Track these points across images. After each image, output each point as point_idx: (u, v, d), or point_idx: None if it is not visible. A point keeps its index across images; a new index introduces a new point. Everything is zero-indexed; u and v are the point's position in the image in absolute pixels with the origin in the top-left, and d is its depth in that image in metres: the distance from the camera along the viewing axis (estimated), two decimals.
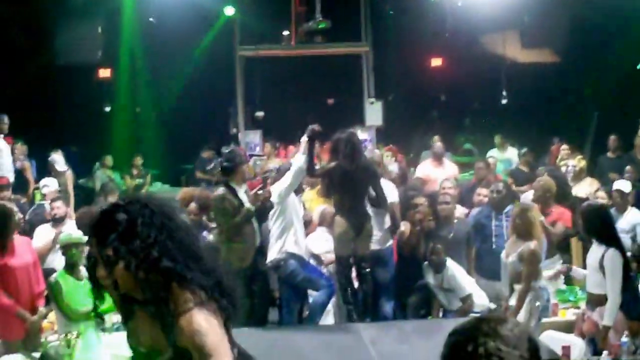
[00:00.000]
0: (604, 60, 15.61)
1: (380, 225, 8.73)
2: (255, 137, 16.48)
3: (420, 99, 19.49)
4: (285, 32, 16.74)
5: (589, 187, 11.39)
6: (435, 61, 17.70)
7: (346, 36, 17.21)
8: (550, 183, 9.65)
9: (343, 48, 17.46)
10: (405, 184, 11.15)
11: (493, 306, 8.45)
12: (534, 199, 9.47)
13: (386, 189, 8.81)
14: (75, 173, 14.74)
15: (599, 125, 16.67)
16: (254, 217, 8.23)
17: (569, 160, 12.17)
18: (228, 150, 9.04)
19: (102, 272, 2.75)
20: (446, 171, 12.39)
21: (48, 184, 11.42)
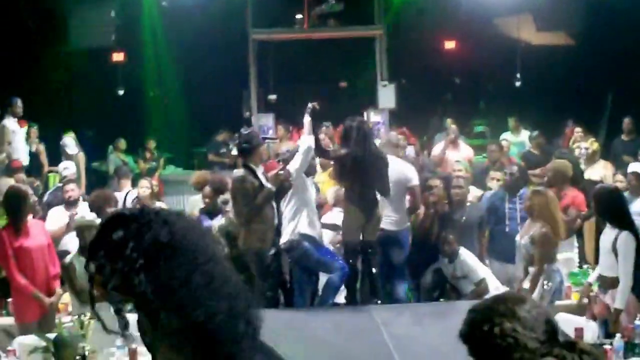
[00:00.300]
0: (619, 43, 15.50)
1: (399, 206, 8.75)
2: (268, 120, 16.46)
3: (433, 82, 19.41)
4: (298, 16, 16.69)
5: (602, 170, 11.36)
6: (449, 44, 17.59)
7: (359, 19, 17.15)
8: (565, 166, 9.62)
9: (356, 31, 17.39)
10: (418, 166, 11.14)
11: (506, 289, 8.45)
12: (549, 182, 9.45)
13: (407, 171, 8.87)
14: (90, 156, 14.81)
15: (613, 107, 16.60)
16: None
17: (582, 143, 12.13)
18: (246, 131, 9.05)
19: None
20: (461, 154, 12.39)
21: (68, 166, 11.46)
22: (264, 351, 2.60)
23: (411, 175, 8.86)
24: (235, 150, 11.00)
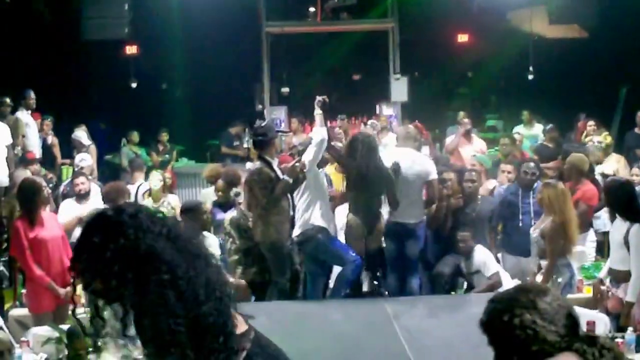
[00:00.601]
0: (632, 35, 15.44)
1: (417, 200, 8.78)
2: (280, 113, 16.49)
3: (446, 75, 19.41)
4: (311, 9, 16.71)
5: (615, 164, 11.33)
6: (462, 37, 17.57)
7: (372, 12, 17.16)
8: (580, 160, 9.59)
9: (369, 24, 17.41)
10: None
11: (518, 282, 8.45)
12: (565, 176, 9.44)
13: (427, 164, 8.94)
14: (102, 149, 14.87)
15: (626, 101, 16.55)
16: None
17: (595, 137, 12.10)
18: (262, 124, 9.09)
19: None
20: (474, 147, 12.39)
21: (84, 157, 11.50)
22: (261, 345, 2.60)
23: (431, 168, 8.90)
24: (250, 143, 11.03)
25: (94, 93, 17.61)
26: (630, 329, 6.15)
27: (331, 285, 8.71)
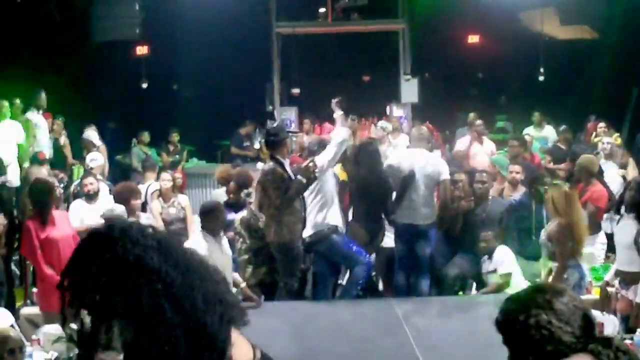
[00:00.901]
0: None
1: (429, 201, 8.80)
2: (290, 114, 16.51)
3: (456, 76, 19.40)
4: (321, 9, 16.72)
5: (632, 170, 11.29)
6: (472, 38, 17.57)
7: (382, 13, 17.16)
8: (590, 161, 9.58)
9: (379, 25, 17.42)
10: None
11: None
12: (575, 177, 9.42)
13: (440, 165, 8.97)
14: (113, 149, 14.89)
15: (637, 102, 16.50)
16: None
17: (605, 138, 12.07)
18: (274, 124, 9.15)
19: None
20: (485, 148, 12.39)
21: (96, 157, 11.50)
22: None
23: (443, 169, 8.91)
24: (262, 143, 11.06)
25: (105, 93, 17.63)
26: (639, 331, 6.14)
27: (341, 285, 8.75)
